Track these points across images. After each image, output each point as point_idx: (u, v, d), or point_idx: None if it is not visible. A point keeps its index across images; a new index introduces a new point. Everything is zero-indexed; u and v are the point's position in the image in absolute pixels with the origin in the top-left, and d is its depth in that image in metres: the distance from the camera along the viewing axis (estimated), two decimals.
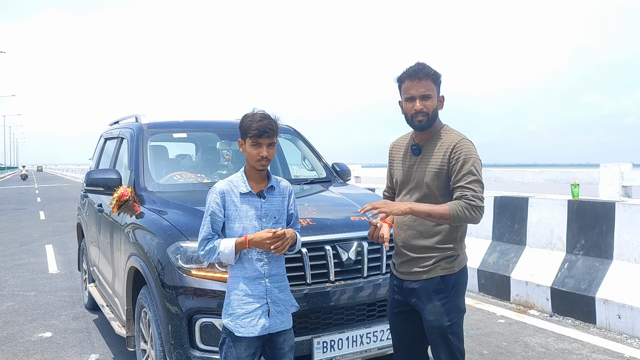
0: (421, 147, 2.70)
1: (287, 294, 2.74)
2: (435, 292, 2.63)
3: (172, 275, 3.10)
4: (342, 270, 3.25)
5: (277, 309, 2.67)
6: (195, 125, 5.02)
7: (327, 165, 5.07)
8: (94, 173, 4.25)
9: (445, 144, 2.62)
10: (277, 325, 2.66)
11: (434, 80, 2.61)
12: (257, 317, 2.62)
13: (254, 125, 2.60)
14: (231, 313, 2.64)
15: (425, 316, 2.65)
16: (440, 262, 2.64)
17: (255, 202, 2.67)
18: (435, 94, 2.63)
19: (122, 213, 4.08)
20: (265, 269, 2.65)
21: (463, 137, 2.64)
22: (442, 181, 2.61)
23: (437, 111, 2.66)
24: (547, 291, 5.41)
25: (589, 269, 5.15)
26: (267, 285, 2.65)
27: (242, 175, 2.71)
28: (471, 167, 2.54)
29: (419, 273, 2.67)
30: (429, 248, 2.65)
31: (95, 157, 6.09)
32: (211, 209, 2.66)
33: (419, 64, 2.62)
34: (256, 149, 2.61)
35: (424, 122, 2.63)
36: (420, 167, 2.67)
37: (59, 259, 9.06)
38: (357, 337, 3.23)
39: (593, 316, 4.99)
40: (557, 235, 5.54)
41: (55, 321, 5.51)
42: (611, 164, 7.34)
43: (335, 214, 3.59)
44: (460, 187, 2.54)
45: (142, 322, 3.59)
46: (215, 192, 2.68)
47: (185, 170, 4.67)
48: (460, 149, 2.57)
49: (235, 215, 2.65)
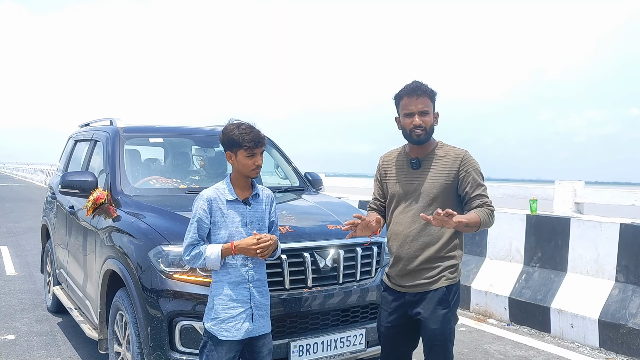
0: (421, 160, 2.83)
1: (267, 299, 2.85)
2: (440, 302, 2.74)
3: (153, 278, 3.15)
4: (318, 276, 3.36)
5: (259, 312, 2.78)
6: (171, 130, 5.06)
7: (300, 174, 5.19)
8: (70, 175, 4.24)
9: (450, 157, 2.79)
10: (259, 329, 2.77)
11: (430, 97, 2.79)
12: (241, 321, 2.72)
13: (246, 137, 2.70)
14: (214, 317, 2.73)
15: (429, 325, 2.74)
16: (444, 272, 2.77)
17: (241, 209, 2.78)
18: (432, 110, 2.80)
19: (97, 216, 4.09)
20: (249, 274, 2.76)
21: (465, 150, 2.85)
22: (449, 192, 2.78)
23: (433, 126, 2.82)
24: (505, 301, 5.67)
25: (545, 280, 5.44)
26: (251, 289, 2.76)
27: (227, 183, 2.81)
28: (479, 176, 2.78)
29: (425, 285, 2.77)
30: (434, 258, 2.77)
31: (63, 159, 6.02)
32: (198, 215, 2.75)
33: (417, 82, 2.79)
34: (251, 159, 2.73)
35: (422, 137, 2.78)
36: (424, 179, 2.80)
37: (15, 260, 8.82)
38: (332, 341, 3.35)
39: (548, 325, 5.27)
40: (516, 247, 5.82)
41: (18, 324, 5.40)
42: (565, 182, 7.72)
43: (313, 222, 3.71)
44: (478, 196, 2.74)
45: (117, 325, 3.61)
46: (203, 199, 2.77)
47: (157, 174, 4.70)
48: (468, 161, 2.79)
49: (222, 221, 2.75)
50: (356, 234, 2.87)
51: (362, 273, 3.55)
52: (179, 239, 3.20)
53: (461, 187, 2.77)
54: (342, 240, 3.49)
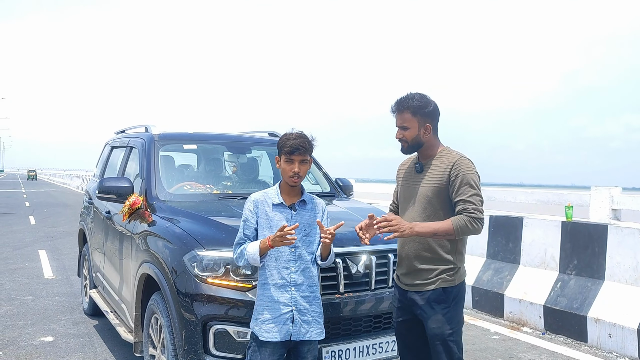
0: (423, 165, 2.94)
1: (316, 305, 2.87)
2: (437, 302, 2.83)
3: (187, 282, 3.20)
4: (351, 282, 3.37)
5: (303, 317, 2.80)
6: (205, 137, 5.14)
7: (331, 179, 5.21)
8: (107, 181, 4.34)
9: (446, 161, 2.86)
10: (301, 334, 2.80)
11: (413, 112, 2.87)
12: (281, 323, 2.76)
13: (288, 143, 2.82)
14: (257, 317, 2.80)
15: (428, 324, 2.84)
16: (441, 275, 2.84)
17: (286, 213, 2.87)
18: (415, 124, 2.88)
19: (132, 221, 4.18)
20: (291, 278, 2.81)
21: (462, 155, 2.88)
22: (443, 196, 2.83)
23: (418, 138, 2.90)
24: (540, 309, 5.56)
25: (581, 288, 5.32)
26: (293, 293, 2.80)
27: (276, 188, 2.92)
28: (470, 181, 2.78)
29: (422, 285, 2.87)
30: (432, 260, 2.85)
31: (100, 165, 6.17)
32: (245, 216, 2.88)
33: (403, 96, 2.90)
34: (289, 165, 2.82)
35: (404, 148, 2.96)
36: (422, 183, 2.90)
37: (53, 264, 9.06)
38: (364, 347, 3.35)
39: (584, 335, 5.15)
40: (551, 255, 5.71)
41: (56, 326, 5.55)
42: (602, 187, 7.56)
43: (344, 228, 3.70)
44: (461, 201, 2.77)
45: (152, 328, 3.67)
46: (250, 200, 2.91)
47: (190, 180, 4.78)
48: (459, 165, 2.82)
49: (266, 223, 2.84)
50: (368, 237, 2.87)
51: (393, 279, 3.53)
52: (213, 244, 3.27)
53: (450, 191, 2.82)
54: (374, 246, 3.48)
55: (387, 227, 2.69)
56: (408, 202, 2.97)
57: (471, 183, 2.78)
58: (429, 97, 2.92)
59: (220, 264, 3.17)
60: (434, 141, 2.94)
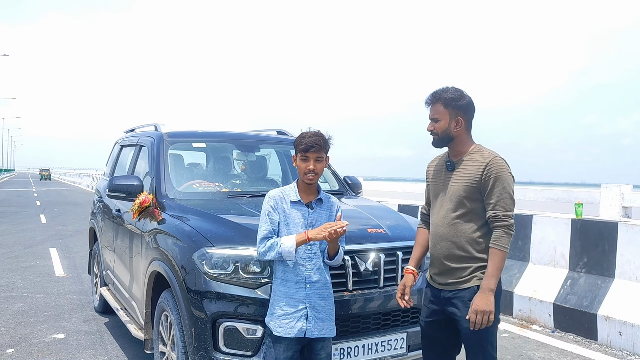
0: (454, 163, 2.89)
1: (329, 303, 2.91)
2: (472, 302, 2.75)
3: (197, 280, 3.22)
4: (359, 280, 3.37)
5: (317, 315, 2.84)
6: (214, 135, 5.16)
7: (339, 177, 5.21)
8: (117, 179, 4.37)
9: (479, 160, 2.80)
10: (315, 331, 2.83)
11: (445, 103, 2.84)
12: (295, 319, 2.81)
13: (303, 141, 2.87)
14: (272, 313, 2.85)
15: (462, 324, 2.79)
16: (476, 273, 2.80)
17: (303, 210, 2.91)
18: (446, 116, 2.84)
19: (142, 219, 4.21)
20: (306, 275, 2.85)
21: (495, 155, 2.81)
22: (475, 195, 2.79)
23: (448, 131, 2.85)
24: (549, 307, 5.54)
25: (591, 286, 5.30)
26: (307, 290, 2.84)
27: (294, 186, 2.96)
28: (503, 182, 2.73)
29: (456, 283, 2.83)
30: (465, 258, 2.81)
31: (110, 164, 6.22)
32: (267, 210, 2.91)
33: (439, 89, 2.87)
34: (304, 163, 2.87)
35: (434, 141, 2.91)
36: (454, 181, 2.85)
37: (64, 262, 9.14)
38: (373, 344, 3.35)
39: (594, 333, 5.13)
40: (561, 252, 5.69)
41: (67, 323, 5.60)
42: (612, 185, 7.50)
43: (353, 225, 3.70)
44: (493, 205, 2.73)
45: (162, 325, 3.70)
46: (270, 197, 2.95)
47: (199, 178, 4.80)
48: (493, 166, 2.76)
49: (284, 221, 2.89)
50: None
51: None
52: (222, 242, 3.29)
53: (482, 191, 2.78)
54: (382, 243, 3.50)
55: (479, 326, 2.68)
56: (439, 201, 2.93)
57: (504, 185, 2.73)
58: (465, 91, 2.87)
59: (230, 262, 3.19)
60: (466, 138, 2.88)
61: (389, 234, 3.62)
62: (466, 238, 2.81)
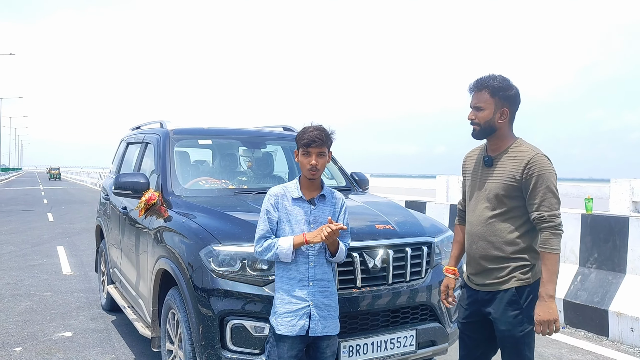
0: (493, 158, 2.74)
1: (333, 300, 2.85)
2: (509, 304, 2.67)
3: (204, 277, 3.19)
4: (368, 277, 3.33)
5: (321, 313, 2.79)
6: (220, 132, 5.13)
7: (346, 173, 5.17)
8: (123, 177, 4.35)
9: (520, 157, 2.65)
10: (319, 330, 2.78)
11: (492, 92, 2.67)
12: (297, 317, 2.75)
13: (305, 135, 2.79)
14: (275, 311, 2.80)
15: (498, 326, 2.71)
16: (514, 273, 2.67)
17: (305, 207, 2.84)
18: (491, 105, 2.67)
19: (149, 216, 4.19)
20: (309, 272, 2.79)
21: (537, 152, 2.64)
22: (515, 193, 2.65)
23: (492, 122, 2.68)
24: (559, 303, 5.48)
25: (602, 282, 5.23)
26: (310, 288, 2.78)
27: (296, 182, 2.89)
28: (546, 182, 2.57)
29: (494, 284, 2.72)
30: (502, 258, 2.69)
31: (116, 161, 6.20)
32: (266, 209, 2.84)
33: (484, 76, 2.71)
34: (306, 158, 2.79)
35: (475, 132, 2.74)
36: (492, 178, 2.71)
37: (71, 260, 9.15)
38: (382, 342, 3.31)
39: (606, 329, 5.07)
40: (570, 248, 5.62)
41: (74, 321, 5.60)
42: (622, 180, 7.43)
43: (361, 222, 3.67)
44: (537, 206, 2.58)
45: (169, 323, 3.67)
46: (270, 194, 2.87)
47: (206, 175, 4.77)
48: (535, 164, 2.59)
49: (286, 218, 2.82)
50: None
51: (412, 274, 3.49)
52: (229, 239, 3.26)
53: (524, 191, 2.63)
54: (391, 240, 3.46)
55: (548, 334, 2.59)
56: (475, 198, 2.78)
57: (548, 184, 2.56)
58: (512, 81, 2.70)
59: (237, 259, 3.15)
60: (508, 131, 2.71)
61: (397, 230, 3.58)
62: (503, 238, 2.68)
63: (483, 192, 2.75)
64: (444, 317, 3.60)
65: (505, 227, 2.68)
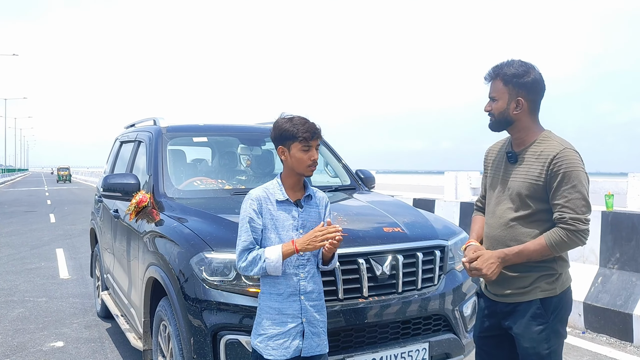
0: (517, 154, 2.45)
1: (323, 315, 2.54)
2: (533, 317, 2.36)
3: (195, 287, 2.91)
4: (375, 285, 3.03)
5: (313, 330, 2.46)
6: (215, 129, 4.85)
7: (351, 171, 4.87)
8: (112, 178, 4.08)
9: (546, 152, 2.35)
10: (312, 349, 2.46)
11: (505, 80, 2.40)
12: (290, 338, 2.42)
13: (301, 128, 2.42)
14: (262, 333, 2.45)
15: (521, 343, 2.40)
16: (539, 283, 2.37)
17: (292, 210, 2.49)
18: (504, 95, 2.40)
19: (140, 220, 3.91)
20: (301, 285, 2.46)
21: (566, 146, 2.34)
22: (540, 193, 2.35)
23: (506, 113, 2.41)
24: (579, 306, 5.17)
25: (625, 283, 4.91)
26: (302, 303, 2.45)
27: (278, 183, 2.52)
28: (573, 180, 2.27)
29: (515, 295, 2.41)
30: (524, 266, 2.38)
31: (110, 161, 5.92)
32: (249, 216, 2.46)
33: (503, 62, 2.44)
34: (307, 153, 2.43)
35: (490, 123, 2.48)
36: (516, 176, 2.42)
37: (69, 263, 8.90)
38: (391, 356, 3.02)
39: (630, 334, 4.75)
40: (590, 247, 5.31)
41: (67, 330, 5.33)
42: None
43: (367, 224, 3.38)
44: (559, 207, 2.29)
45: (161, 336, 3.39)
46: (252, 198, 2.49)
47: (203, 175, 4.49)
48: (562, 159, 2.30)
49: (272, 224, 2.46)
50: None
51: (424, 281, 3.19)
52: (223, 245, 2.97)
53: (548, 189, 2.33)
54: (400, 244, 3.16)
55: (475, 273, 2.39)
56: (498, 197, 2.50)
57: (574, 183, 2.27)
58: (534, 66, 2.40)
59: (231, 268, 2.87)
60: (530, 123, 2.42)
61: (407, 233, 3.28)
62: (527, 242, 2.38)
63: (505, 192, 2.46)
64: (459, 327, 3.31)
65: (529, 232, 2.37)
